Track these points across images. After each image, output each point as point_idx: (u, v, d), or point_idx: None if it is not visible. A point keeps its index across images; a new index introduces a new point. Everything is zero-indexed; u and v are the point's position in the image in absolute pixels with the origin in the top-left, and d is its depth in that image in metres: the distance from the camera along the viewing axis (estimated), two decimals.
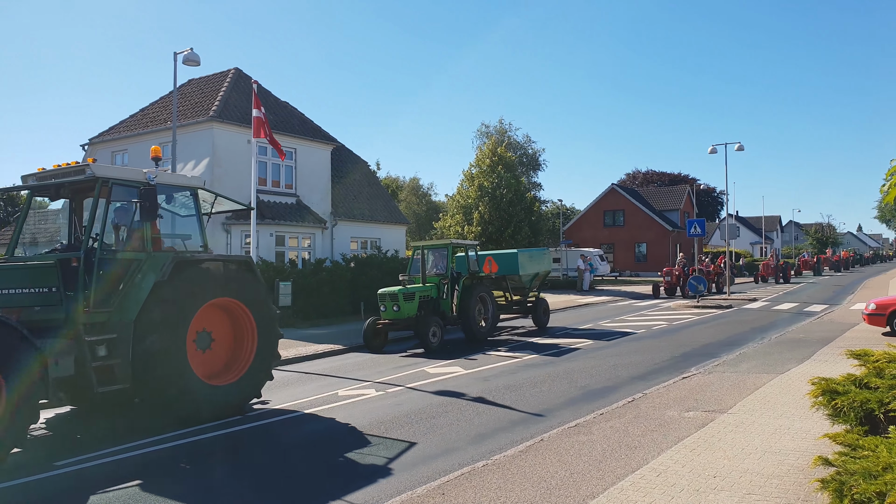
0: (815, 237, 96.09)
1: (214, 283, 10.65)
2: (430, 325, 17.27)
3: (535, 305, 22.31)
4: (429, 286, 18.67)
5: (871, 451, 4.98)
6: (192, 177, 13.02)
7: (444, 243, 19.84)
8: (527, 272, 22.12)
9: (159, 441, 9.30)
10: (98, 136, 29.50)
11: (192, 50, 19.67)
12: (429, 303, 18.43)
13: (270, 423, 10.34)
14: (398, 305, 17.66)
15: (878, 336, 16.89)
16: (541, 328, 21.78)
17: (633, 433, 8.69)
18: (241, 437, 9.67)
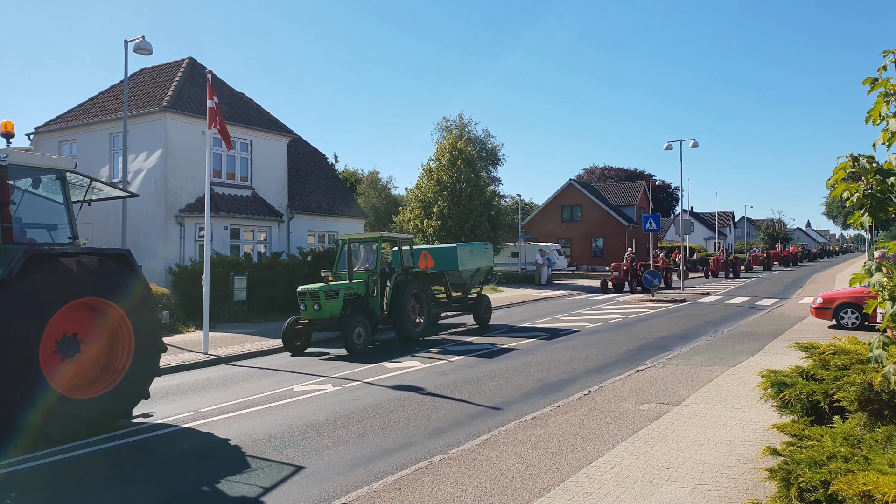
0: (767, 232, 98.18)
1: (79, 281, 9.14)
2: (355, 326, 15.94)
3: (477, 302, 21.55)
4: (356, 283, 17.32)
5: (816, 440, 5.10)
6: (58, 157, 11.46)
7: (373, 236, 18.68)
8: (467, 268, 21.31)
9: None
10: (45, 126, 28.68)
11: (143, 38, 19.25)
12: (356, 301, 17.15)
13: (228, 419, 10.19)
14: (319, 304, 16.38)
15: (824, 329, 17.33)
16: (482, 326, 21.06)
17: (589, 426, 8.78)
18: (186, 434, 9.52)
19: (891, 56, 4.23)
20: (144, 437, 9.23)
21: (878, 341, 4.51)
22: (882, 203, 4.07)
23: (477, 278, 22.01)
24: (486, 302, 21.73)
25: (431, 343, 17.58)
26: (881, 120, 4.21)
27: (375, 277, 17.71)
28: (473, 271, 21.65)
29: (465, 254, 21.46)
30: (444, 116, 68.08)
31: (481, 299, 21.67)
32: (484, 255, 22.57)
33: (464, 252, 21.43)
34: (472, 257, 21.69)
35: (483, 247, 23.07)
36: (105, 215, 25.42)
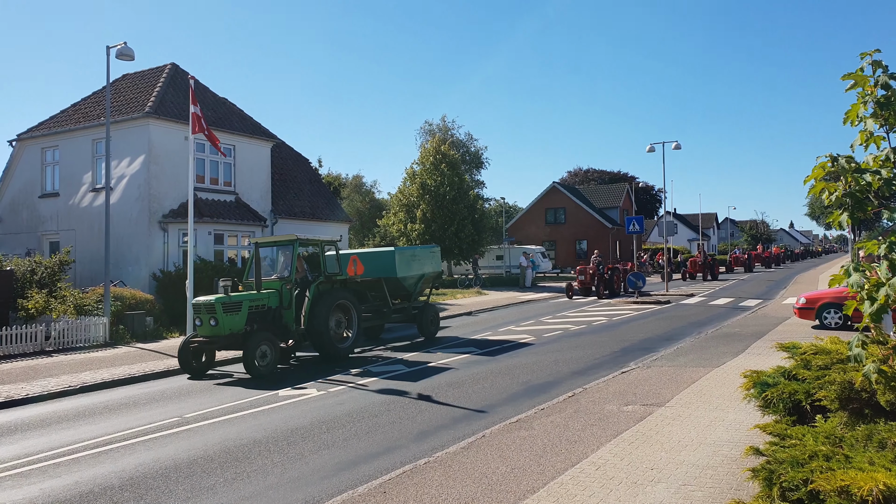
0: (750, 234, 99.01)
1: None
2: (258, 344, 13.82)
3: (421, 313, 19.35)
4: (265, 293, 15.07)
5: (798, 440, 5.13)
6: None
7: (287, 239, 16.40)
8: (407, 274, 19.10)
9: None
10: (27, 132, 28.48)
11: (125, 44, 19.11)
12: (265, 315, 15.01)
13: (213, 424, 10.12)
14: (216, 319, 14.07)
15: (807, 329, 17.46)
16: (428, 339, 19.08)
17: (574, 427, 8.80)
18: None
19: (868, 58, 4.28)
20: (132, 443, 9.15)
21: (857, 340, 4.55)
22: (861, 202, 4.11)
23: (422, 286, 20.03)
24: (431, 312, 19.63)
25: (359, 361, 15.56)
26: (859, 121, 4.25)
27: (289, 286, 15.49)
28: (416, 278, 19.56)
29: (405, 259, 19.33)
30: (426, 120, 68.18)
31: (426, 309, 19.58)
32: (429, 259, 20.39)
33: (403, 257, 19.28)
34: (413, 262, 19.56)
35: (428, 251, 20.88)
36: (89, 222, 25.31)
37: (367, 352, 17.18)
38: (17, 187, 28.72)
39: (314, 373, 14.28)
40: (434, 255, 20.71)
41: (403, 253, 19.52)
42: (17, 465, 8.32)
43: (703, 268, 46.16)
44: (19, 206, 28.41)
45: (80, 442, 9.29)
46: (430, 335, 19.26)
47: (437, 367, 14.40)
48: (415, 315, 19.37)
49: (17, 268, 20.26)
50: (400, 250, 19.55)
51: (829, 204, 4.36)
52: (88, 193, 25.94)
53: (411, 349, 17.19)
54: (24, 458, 8.56)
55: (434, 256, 20.67)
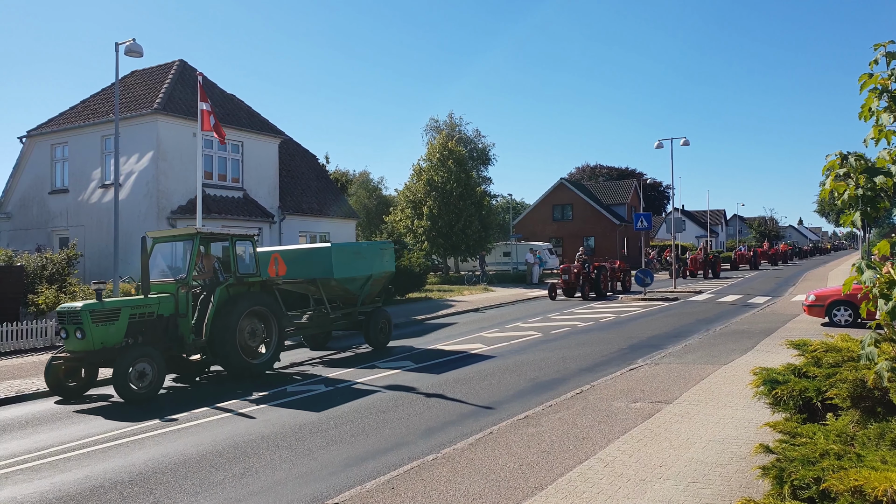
0: (759, 230, 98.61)
1: None
2: (134, 361, 11.38)
3: (368, 320, 16.76)
4: (154, 299, 12.51)
5: (808, 438, 5.10)
6: None
7: (186, 233, 13.90)
8: (350, 275, 16.37)
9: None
10: (37, 129, 28.59)
11: (134, 41, 19.13)
12: (153, 324, 12.48)
13: (220, 420, 10.15)
14: (83, 330, 11.50)
15: (817, 327, 17.39)
16: (378, 349, 16.68)
17: (582, 424, 8.78)
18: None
19: (881, 49, 4.22)
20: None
21: (869, 338, 4.51)
22: (872, 201, 4.08)
23: (371, 288, 17.27)
24: (381, 319, 17.05)
25: (276, 380, 13.25)
26: (871, 115, 4.20)
27: (186, 289, 12.90)
28: (363, 280, 16.82)
29: (346, 256, 16.59)
30: (432, 117, 68.27)
31: (375, 315, 16.97)
32: (378, 258, 17.48)
33: (343, 255, 16.54)
34: (357, 261, 16.80)
35: (378, 248, 18.00)
36: (98, 218, 25.40)
37: (294, 367, 14.84)
38: (27, 183, 28.84)
39: (211, 395, 11.93)
40: (385, 253, 17.88)
41: (343, 250, 16.98)
42: (28, 459, 8.36)
43: (705, 265, 44.55)
44: (29, 202, 28.54)
45: (90, 436, 9.33)
46: (379, 345, 16.85)
47: (361, 388, 12.07)
48: (360, 323, 17.00)
49: (28, 263, 20.35)
50: (339, 247, 17.16)
51: (840, 204, 4.32)
52: (97, 189, 26.03)
53: (350, 363, 14.88)
54: (35, 453, 8.61)
55: (385, 254, 17.86)
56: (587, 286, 30.28)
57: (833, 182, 4.35)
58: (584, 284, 30.26)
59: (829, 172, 4.36)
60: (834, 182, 4.31)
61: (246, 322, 13.40)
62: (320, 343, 17.49)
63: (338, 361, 15.37)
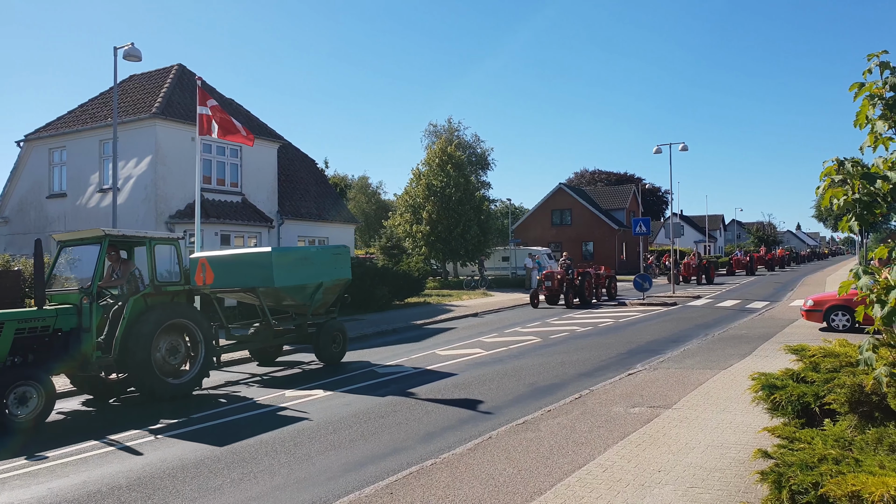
0: (757, 235, 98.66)
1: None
2: (10, 384, 9.88)
3: (320, 332, 15.21)
4: (50, 310, 10.92)
5: (807, 443, 5.11)
6: None
7: (93, 235, 12.15)
8: (294, 283, 14.63)
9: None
10: (34, 133, 28.59)
11: (133, 45, 19.17)
12: (48, 340, 10.90)
13: (216, 426, 10.13)
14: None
15: (815, 332, 17.40)
16: (330, 364, 15.26)
17: (580, 429, 8.78)
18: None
19: (875, 59, 4.26)
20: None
21: (867, 343, 4.53)
22: (869, 207, 4.10)
23: (323, 297, 15.59)
24: (333, 331, 15.43)
25: (198, 403, 11.68)
26: (867, 123, 4.24)
27: (88, 299, 11.16)
28: (312, 288, 15.08)
29: (290, 262, 14.76)
30: (430, 122, 68.46)
31: (326, 328, 15.34)
32: (330, 263, 15.58)
33: (285, 260, 14.70)
34: (304, 268, 14.98)
35: (330, 253, 15.96)
36: (96, 222, 25.37)
37: (228, 386, 13.26)
38: (24, 188, 28.83)
39: (111, 423, 10.39)
40: (339, 259, 15.85)
41: (286, 255, 15.10)
42: (25, 464, 8.35)
43: (698, 271, 43.77)
44: (27, 206, 28.52)
45: (88, 441, 9.31)
46: (331, 360, 15.29)
47: (286, 415, 10.47)
48: (310, 336, 15.47)
49: (25, 268, 20.33)
50: (281, 252, 15.25)
51: (837, 209, 4.34)
52: (96, 194, 26.02)
53: (292, 382, 13.28)
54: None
55: (339, 260, 15.84)
56: (571, 293, 28.75)
57: (829, 187, 4.37)
58: (568, 292, 28.71)
59: (825, 178, 4.38)
60: (830, 188, 4.33)
61: (164, 337, 11.87)
62: (269, 358, 15.95)
63: (280, 380, 13.78)
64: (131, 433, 9.70)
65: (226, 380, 14.03)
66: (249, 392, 12.54)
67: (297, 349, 17.56)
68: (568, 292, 28.60)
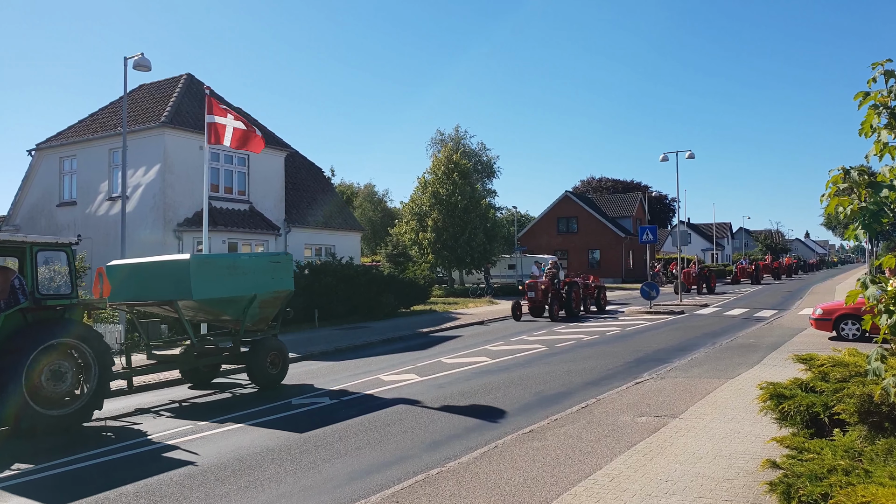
0: (765, 243, 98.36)
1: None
2: None
3: (253, 352, 13.43)
4: None
5: (816, 453, 5.09)
6: None
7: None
8: (218, 295, 12.73)
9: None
10: (45, 142, 28.79)
11: (142, 55, 19.28)
12: None
13: (224, 433, 10.13)
14: None
15: (824, 341, 17.30)
16: (267, 388, 13.35)
17: (587, 438, 8.75)
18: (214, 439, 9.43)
19: (879, 68, 4.25)
20: (137, 452, 9.18)
21: (876, 353, 4.50)
22: (876, 216, 4.08)
23: (259, 312, 13.71)
24: (270, 350, 13.57)
25: (74, 440, 9.90)
26: (873, 132, 4.23)
27: None
28: (244, 301, 13.19)
29: (213, 272, 12.78)
30: (438, 130, 68.53)
31: (261, 346, 13.54)
32: (266, 273, 13.59)
33: (208, 269, 12.75)
34: (232, 278, 12.94)
35: (266, 261, 14.05)
36: (105, 230, 25.51)
37: (137, 414, 11.52)
38: (35, 196, 29.01)
39: None
40: (279, 267, 13.88)
41: (209, 263, 13.13)
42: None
43: (699, 280, 42.25)
44: (38, 214, 28.68)
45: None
46: (267, 383, 13.39)
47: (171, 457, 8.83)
48: (243, 356, 13.69)
49: None
50: (202, 259, 13.36)
51: (844, 218, 4.32)
52: (105, 202, 26.16)
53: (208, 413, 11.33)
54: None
55: (279, 268, 13.86)
56: (556, 305, 26.44)
57: (834, 196, 4.36)
58: (554, 303, 26.37)
59: (831, 186, 4.37)
60: (836, 196, 4.32)
61: (44, 359, 10.08)
62: (206, 379, 14.27)
63: (198, 409, 12.02)
64: None
65: (139, 406, 12.25)
66: (152, 424, 10.72)
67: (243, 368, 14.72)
68: (553, 304, 26.39)
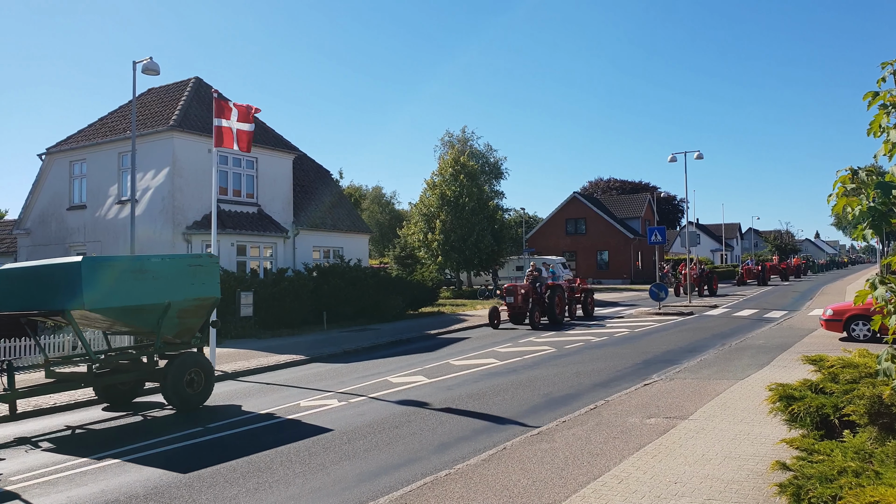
0: (775, 244, 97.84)
1: None
2: None
3: (169, 369, 11.72)
4: None
5: (826, 455, 5.07)
6: None
7: None
8: (120, 304, 11.07)
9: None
10: (56, 146, 28.95)
11: (151, 59, 19.40)
12: None
13: (240, 432, 10.17)
14: None
15: (835, 342, 17.22)
16: (184, 410, 11.69)
17: (596, 440, 8.73)
18: (212, 444, 9.49)
19: (889, 68, 4.24)
20: (155, 452, 9.20)
21: (886, 354, 4.48)
22: (884, 216, 4.06)
23: (176, 322, 12.15)
24: (190, 368, 11.91)
25: None
26: (882, 132, 4.21)
27: None
28: (157, 310, 11.65)
29: (113, 276, 11.06)
30: (446, 131, 68.55)
31: (179, 363, 11.87)
32: (184, 277, 12.02)
33: (104, 273, 10.95)
34: (138, 283, 11.32)
35: (183, 264, 12.33)
36: (115, 233, 25.64)
37: (7, 448, 9.71)
38: (46, 200, 29.19)
39: None
40: (200, 271, 12.28)
41: (106, 267, 11.13)
42: (44, 472, 8.40)
43: (699, 281, 40.12)
44: (48, 217, 28.86)
45: (107, 451, 9.36)
46: (184, 405, 11.71)
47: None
48: (157, 373, 12.09)
49: None
50: (95, 263, 11.08)
51: (852, 218, 4.31)
52: (114, 205, 26.28)
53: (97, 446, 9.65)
54: (52, 467, 8.65)
55: (200, 272, 12.25)
56: (537, 311, 24.25)
57: (841, 196, 4.34)
58: (535, 309, 24.22)
59: (839, 187, 4.36)
60: (845, 197, 4.30)
61: None
62: (125, 398, 12.68)
63: (86, 439, 10.22)
64: None
65: (20, 435, 10.57)
66: (14, 462, 9.03)
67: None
68: (534, 310, 24.21)
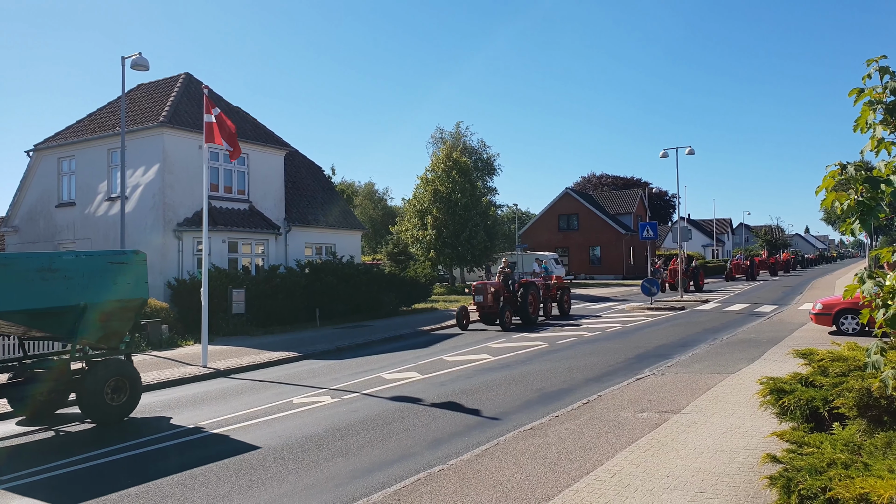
0: (765, 239, 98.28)
1: None
2: None
3: (86, 378, 10.79)
4: None
5: (815, 447, 5.11)
6: None
7: None
8: (23, 307, 10.02)
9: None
10: (44, 142, 28.76)
11: (140, 54, 19.30)
12: None
13: (227, 431, 10.16)
14: None
15: (824, 335, 17.33)
16: (104, 424, 10.77)
17: (588, 435, 8.77)
18: (208, 440, 9.49)
19: (874, 65, 4.27)
20: (148, 450, 9.20)
21: (875, 347, 4.52)
22: (872, 210, 4.10)
23: (97, 327, 11.04)
24: (113, 375, 10.98)
25: None
26: (868, 128, 4.24)
27: None
28: (71, 313, 10.63)
29: (16, 276, 9.98)
30: (438, 127, 68.39)
31: (97, 371, 10.91)
32: (103, 277, 10.98)
33: (6, 272, 9.89)
34: (45, 284, 10.26)
35: (101, 262, 11.18)
36: (104, 231, 25.51)
37: None
38: (34, 197, 29.00)
39: None
40: (123, 269, 11.30)
41: (7, 266, 10.05)
42: (33, 472, 8.38)
43: (686, 276, 39.10)
44: (36, 215, 28.69)
45: (100, 449, 9.35)
46: (104, 417, 10.77)
47: None
48: (74, 383, 11.00)
49: None
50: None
51: (840, 213, 4.34)
52: (104, 202, 26.15)
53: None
54: (42, 467, 8.63)
55: (122, 270, 11.27)
56: (509, 311, 22.87)
57: (830, 191, 4.38)
58: (506, 308, 22.84)
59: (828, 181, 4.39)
60: (834, 190, 4.34)
61: None
62: (47, 410, 11.46)
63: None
64: None
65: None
66: None
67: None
68: (505, 309, 22.79)
